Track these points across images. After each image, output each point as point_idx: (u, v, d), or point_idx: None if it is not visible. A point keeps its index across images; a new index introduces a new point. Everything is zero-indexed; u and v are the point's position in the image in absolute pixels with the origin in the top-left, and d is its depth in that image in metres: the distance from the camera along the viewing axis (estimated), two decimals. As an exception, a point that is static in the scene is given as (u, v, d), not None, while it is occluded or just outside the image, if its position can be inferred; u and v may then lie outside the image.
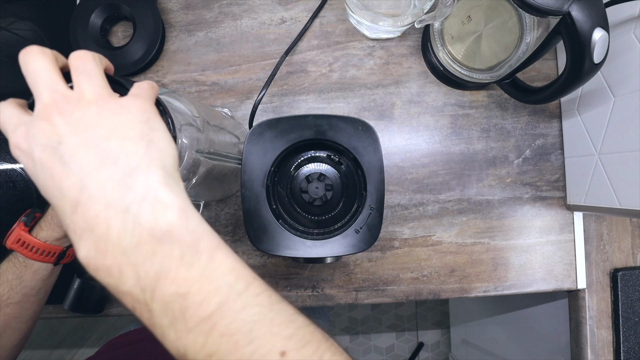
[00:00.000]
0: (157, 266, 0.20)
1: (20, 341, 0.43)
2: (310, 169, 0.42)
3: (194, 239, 0.21)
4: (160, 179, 0.21)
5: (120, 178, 0.20)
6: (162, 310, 0.20)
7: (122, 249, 0.20)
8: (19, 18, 0.57)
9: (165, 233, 0.20)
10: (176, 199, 0.21)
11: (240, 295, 0.21)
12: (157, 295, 0.20)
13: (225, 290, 0.20)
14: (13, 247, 0.40)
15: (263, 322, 0.20)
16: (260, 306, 0.21)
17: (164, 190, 0.21)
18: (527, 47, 0.46)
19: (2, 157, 0.56)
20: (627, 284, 0.53)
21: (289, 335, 0.21)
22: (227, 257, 0.22)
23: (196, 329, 0.20)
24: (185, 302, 0.20)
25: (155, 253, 0.20)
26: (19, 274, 0.40)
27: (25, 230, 0.40)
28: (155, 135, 0.23)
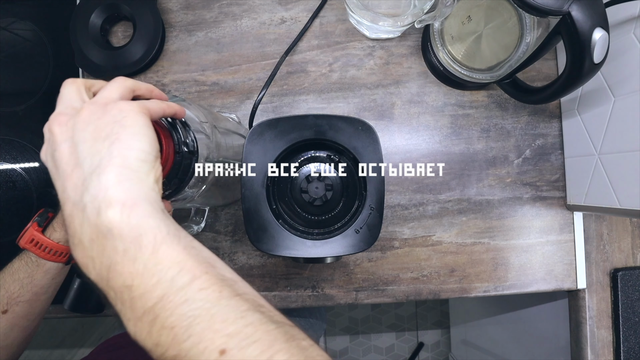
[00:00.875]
0: (106, 260, 0.21)
1: (26, 339, 0.43)
2: (310, 169, 0.42)
3: (137, 234, 0.21)
4: (114, 177, 0.22)
5: (84, 178, 0.22)
6: (115, 298, 0.22)
7: (83, 244, 0.22)
8: (19, 18, 0.57)
9: (108, 230, 0.21)
10: (122, 195, 0.22)
11: (182, 289, 0.21)
12: (111, 285, 0.22)
13: (166, 283, 0.21)
14: (26, 246, 0.40)
15: (204, 317, 0.20)
16: (203, 301, 0.21)
17: (114, 188, 0.22)
18: (527, 47, 0.46)
19: (2, 157, 0.56)
20: (627, 284, 0.53)
21: (233, 333, 0.20)
22: (172, 250, 0.22)
23: (142, 319, 0.21)
24: (131, 293, 0.21)
25: (104, 248, 0.21)
26: (31, 272, 0.41)
27: (38, 230, 0.40)
28: (125, 132, 0.23)
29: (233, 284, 0.22)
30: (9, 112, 0.56)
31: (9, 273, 0.40)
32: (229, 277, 0.23)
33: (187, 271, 0.21)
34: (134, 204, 0.22)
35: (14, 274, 0.40)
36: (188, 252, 0.22)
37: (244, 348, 0.19)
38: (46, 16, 0.57)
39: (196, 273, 0.21)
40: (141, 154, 0.23)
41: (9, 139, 0.56)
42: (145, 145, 0.24)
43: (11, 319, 0.40)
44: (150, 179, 0.24)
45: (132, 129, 0.24)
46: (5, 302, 0.40)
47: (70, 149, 0.23)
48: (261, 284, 0.55)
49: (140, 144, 0.23)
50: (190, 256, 0.22)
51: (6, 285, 0.40)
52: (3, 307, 0.40)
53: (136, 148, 0.23)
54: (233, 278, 0.23)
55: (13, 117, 0.56)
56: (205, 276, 0.21)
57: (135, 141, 0.23)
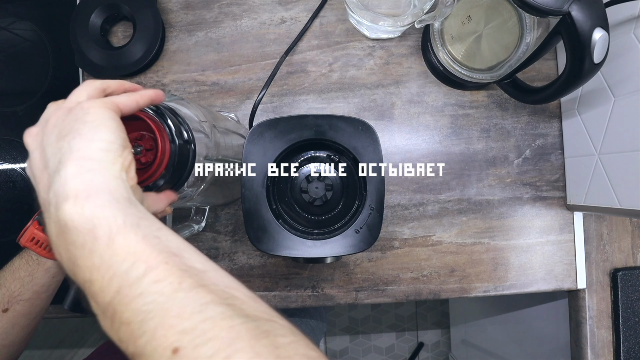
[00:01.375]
0: (70, 255, 0.21)
1: (26, 338, 0.43)
2: (310, 169, 0.42)
3: (91, 226, 0.20)
4: (73, 170, 0.22)
5: (49, 177, 0.23)
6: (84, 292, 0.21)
7: (53, 242, 0.22)
8: (19, 18, 0.57)
9: (64, 223, 0.21)
10: (80, 187, 0.21)
11: (137, 282, 0.19)
12: (78, 280, 0.21)
13: (121, 277, 0.19)
14: (27, 245, 0.40)
15: (157, 312, 0.18)
16: (158, 294, 0.19)
17: (72, 181, 0.21)
18: (527, 47, 0.46)
19: (2, 157, 0.56)
20: (627, 284, 0.53)
21: (188, 329, 0.18)
22: (129, 240, 0.20)
23: (105, 314, 0.20)
24: (91, 288, 0.20)
25: (66, 243, 0.21)
26: (32, 271, 0.41)
27: (39, 229, 0.40)
28: (85, 127, 0.23)
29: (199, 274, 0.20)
30: (9, 112, 0.56)
31: (10, 271, 0.41)
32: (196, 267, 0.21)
33: (143, 262, 0.20)
34: (88, 195, 0.21)
35: (15, 272, 0.41)
36: (148, 241, 0.20)
37: (198, 346, 0.17)
38: (46, 16, 0.57)
39: (152, 264, 0.20)
40: (103, 143, 0.23)
41: (9, 139, 0.56)
42: (107, 135, 0.23)
43: (12, 318, 0.40)
44: (116, 167, 0.23)
45: (93, 122, 0.23)
46: (6, 301, 0.40)
47: (40, 154, 0.24)
48: (261, 284, 0.55)
49: (101, 135, 0.23)
50: (149, 246, 0.20)
51: (7, 284, 0.40)
52: (4, 305, 0.40)
53: (97, 139, 0.23)
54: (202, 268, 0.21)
55: (13, 117, 0.56)
56: (163, 267, 0.20)
57: (95, 133, 0.23)
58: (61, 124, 0.24)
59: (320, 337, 0.79)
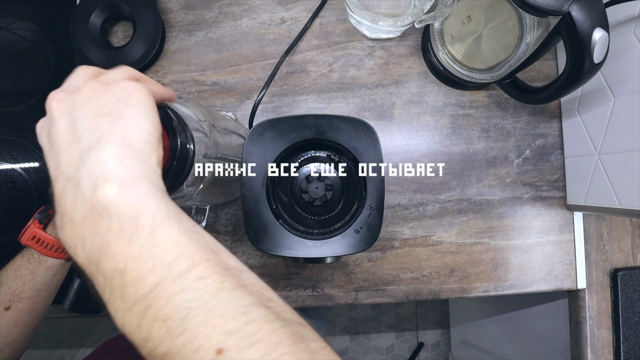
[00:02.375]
0: (99, 240, 0.19)
1: (28, 336, 0.43)
2: (310, 169, 0.42)
3: (135, 213, 0.19)
4: (114, 153, 0.20)
5: (81, 153, 0.21)
6: (104, 285, 0.20)
7: (74, 222, 0.20)
8: (19, 18, 0.57)
9: (104, 206, 0.19)
10: (123, 172, 0.20)
11: (180, 277, 0.19)
12: (100, 269, 0.20)
13: (163, 270, 0.19)
14: (28, 243, 0.40)
15: (201, 310, 0.18)
16: (202, 291, 0.18)
17: (113, 164, 0.20)
18: (527, 47, 0.46)
19: (2, 157, 0.56)
20: (627, 284, 0.53)
21: (233, 330, 0.17)
22: (172, 233, 0.20)
23: (133, 309, 0.18)
24: (122, 279, 0.19)
25: (97, 227, 0.19)
26: (33, 269, 0.41)
27: (40, 227, 0.41)
28: (128, 111, 0.22)
29: (238, 273, 0.20)
30: (9, 112, 0.56)
31: (12, 270, 0.41)
32: (234, 266, 0.21)
33: (186, 257, 0.19)
34: (133, 181, 0.20)
35: (16, 270, 0.41)
36: (189, 236, 0.20)
37: (244, 349, 0.17)
38: (46, 16, 0.57)
39: (196, 260, 0.19)
40: (144, 134, 0.22)
41: (9, 139, 0.56)
42: (149, 126, 0.22)
43: (14, 316, 0.41)
44: (153, 160, 0.22)
45: (137, 108, 0.22)
46: (8, 299, 0.40)
47: (68, 124, 0.22)
48: (261, 284, 0.55)
49: (144, 124, 0.22)
50: (191, 241, 0.20)
51: (9, 282, 0.40)
52: (6, 303, 0.40)
53: (140, 128, 0.22)
54: (238, 267, 0.21)
55: (13, 117, 0.56)
56: (206, 264, 0.19)
57: (139, 121, 0.22)
58: (99, 98, 0.22)
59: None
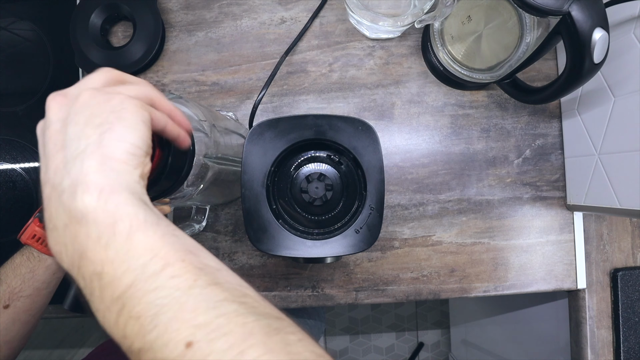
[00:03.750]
0: (78, 246, 0.20)
1: (27, 334, 0.43)
2: (310, 169, 0.42)
3: (112, 221, 0.20)
4: (96, 164, 0.21)
5: (66, 162, 0.22)
6: (85, 287, 0.21)
7: (57, 229, 0.21)
8: (19, 18, 0.57)
9: (82, 214, 0.20)
10: (102, 182, 0.21)
11: (153, 277, 0.19)
12: (81, 272, 0.21)
13: (137, 271, 0.19)
14: (28, 242, 0.41)
15: (172, 306, 0.19)
16: (174, 289, 0.19)
17: (94, 174, 0.21)
18: (527, 47, 0.46)
19: (2, 157, 0.56)
20: (627, 284, 0.53)
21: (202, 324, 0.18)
22: (148, 237, 0.20)
23: (110, 309, 0.19)
24: (100, 281, 0.20)
25: (77, 234, 0.21)
26: (32, 267, 0.41)
27: (40, 226, 0.41)
28: (118, 124, 0.22)
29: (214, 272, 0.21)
30: (9, 112, 0.56)
31: (11, 268, 0.41)
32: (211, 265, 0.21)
33: (160, 258, 0.20)
34: (112, 191, 0.21)
35: (16, 269, 0.41)
36: (165, 239, 0.21)
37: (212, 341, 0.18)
38: (46, 16, 0.57)
39: (170, 260, 0.20)
40: (131, 147, 0.22)
41: (9, 139, 0.56)
42: (137, 140, 0.23)
43: (13, 314, 0.41)
44: (137, 172, 0.23)
45: (128, 121, 0.23)
46: (7, 297, 0.40)
47: (61, 129, 0.23)
48: (261, 284, 0.55)
49: (131, 138, 0.22)
50: (167, 244, 0.21)
51: (8, 280, 0.40)
52: (5, 301, 0.40)
53: (127, 141, 0.22)
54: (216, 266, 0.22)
55: (13, 117, 0.56)
56: (180, 264, 0.20)
57: (127, 133, 0.22)
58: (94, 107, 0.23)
59: (319, 336, 0.78)
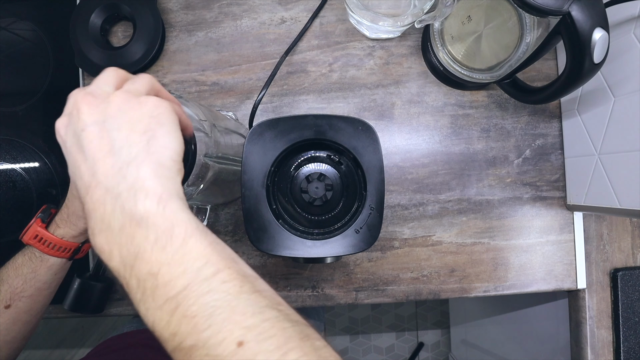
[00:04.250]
0: (135, 247, 0.22)
1: (27, 335, 0.43)
2: (310, 169, 0.42)
3: (169, 225, 0.22)
4: (151, 171, 0.23)
5: (120, 167, 0.23)
6: (137, 286, 0.22)
7: (111, 230, 0.23)
8: (19, 18, 0.57)
9: (142, 218, 0.22)
10: (159, 189, 0.23)
11: (206, 280, 0.22)
12: (134, 272, 0.22)
13: (192, 274, 0.22)
14: (30, 242, 0.40)
15: (224, 308, 0.21)
16: (225, 293, 0.21)
17: (151, 181, 0.23)
18: (527, 47, 0.46)
19: (2, 157, 0.56)
20: (627, 284, 0.53)
21: (251, 326, 0.20)
22: (200, 243, 0.23)
23: (163, 307, 0.21)
24: (155, 281, 0.21)
25: (134, 236, 0.22)
26: (34, 268, 0.41)
27: (42, 226, 0.41)
28: (160, 130, 0.24)
29: (254, 280, 0.23)
30: (9, 112, 0.56)
31: (13, 268, 0.41)
32: (250, 274, 0.24)
33: (212, 264, 0.22)
34: (169, 198, 0.23)
35: (18, 269, 0.41)
36: (213, 247, 0.23)
37: (261, 342, 0.20)
38: (46, 16, 0.57)
39: (220, 267, 0.22)
40: (174, 154, 0.25)
41: (9, 139, 0.56)
42: (177, 146, 0.25)
43: (14, 314, 0.40)
44: (179, 178, 0.25)
45: (167, 127, 0.25)
46: (8, 297, 0.40)
47: (102, 133, 0.24)
48: (261, 284, 0.55)
49: (173, 144, 0.25)
50: (215, 251, 0.23)
51: (9, 280, 0.40)
52: (6, 302, 0.40)
53: (170, 148, 0.25)
54: (253, 275, 0.24)
55: (13, 117, 0.56)
56: (228, 270, 0.22)
57: (169, 141, 0.25)
58: (131, 112, 0.24)
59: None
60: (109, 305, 0.54)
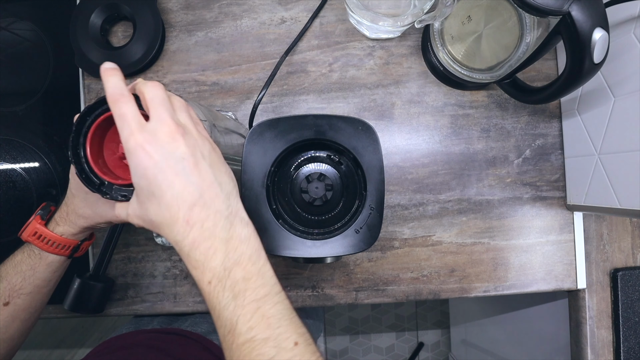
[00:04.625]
0: (236, 256, 0.30)
1: (25, 332, 0.43)
2: (310, 169, 0.42)
3: (258, 247, 0.31)
4: (239, 204, 0.32)
5: (225, 197, 0.31)
6: (231, 286, 0.29)
7: (220, 239, 0.30)
8: (19, 18, 0.57)
9: (245, 239, 0.31)
10: (247, 218, 0.32)
11: (277, 294, 0.30)
12: (232, 275, 0.29)
13: (270, 287, 0.30)
14: (29, 239, 0.40)
15: (288, 317, 0.30)
16: (286, 307, 0.30)
17: (243, 212, 0.32)
18: (527, 47, 0.46)
19: (2, 157, 0.56)
20: (627, 284, 0.53)
21: (302, 333, 0.30)
22: (269, 266, 0.32)
23: (248, 307, 0.29)
24: (246, 285, 0.29)
25: (237, 248, 0.30)
26: (33, 265, 0.41)
27: (41, 223, 0.40)
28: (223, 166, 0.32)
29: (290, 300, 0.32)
30: (9, 112, 0.56)
31: (11, 265, 0.40)
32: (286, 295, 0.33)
33: (279, 284, 0.31)
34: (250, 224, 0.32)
35: (17, 266, 0.40)
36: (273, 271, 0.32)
37: (307, 345, 0.30)
38: (46, 16, 0.57)
39: (280, 286, 0.31)
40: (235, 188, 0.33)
41: (9, 139, 0.56)
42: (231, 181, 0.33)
43: (12, 312, 0.40)
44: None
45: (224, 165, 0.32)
46: (7, 295, 0.40)
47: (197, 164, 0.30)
48: (261, 284, 0.55)
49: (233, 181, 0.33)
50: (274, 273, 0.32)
51: (8, 278, 0.40)
52: (5, 299, 0.40)
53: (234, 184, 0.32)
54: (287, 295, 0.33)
55: (13, 117, 0.56)
56: (283, 292, 0.31)
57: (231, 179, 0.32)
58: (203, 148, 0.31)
59: (318, 336, 0.78)
60: (109, 305, 0.54)
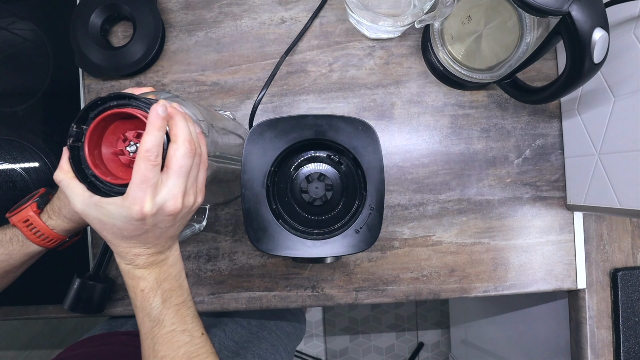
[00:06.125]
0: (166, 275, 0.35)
1: None
2: (310, 169, 0.42)
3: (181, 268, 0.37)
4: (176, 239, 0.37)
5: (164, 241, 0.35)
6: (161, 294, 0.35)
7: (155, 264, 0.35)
8: (19, 18, 0.57)
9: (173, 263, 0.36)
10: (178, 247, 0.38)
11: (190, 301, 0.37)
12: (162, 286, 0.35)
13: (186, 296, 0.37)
14: (18, 225, 0.38)
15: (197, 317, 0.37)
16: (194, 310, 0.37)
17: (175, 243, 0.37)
18: (527, 47, 0.46)
19: (2, 157, 0.56)
20: (627, 284, 0.53)
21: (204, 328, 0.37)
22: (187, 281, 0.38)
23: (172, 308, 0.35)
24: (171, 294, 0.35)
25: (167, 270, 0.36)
26: (11, 251, 0.39)
27: (36, 212, 0.38)
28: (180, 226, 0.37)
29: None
30: (9, 112, 0.56)
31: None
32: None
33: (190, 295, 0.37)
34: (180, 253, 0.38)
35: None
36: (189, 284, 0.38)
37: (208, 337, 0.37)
38: (46, 16, 0.57)
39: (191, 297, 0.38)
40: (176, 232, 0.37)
41: (9, 139, 0.56)
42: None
43: None
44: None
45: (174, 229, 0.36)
46: None
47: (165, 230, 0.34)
48: (261, 283, 0.55)
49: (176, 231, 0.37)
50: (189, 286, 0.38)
51: None
52: None
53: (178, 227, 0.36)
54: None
55: (13, 117, 0.56)
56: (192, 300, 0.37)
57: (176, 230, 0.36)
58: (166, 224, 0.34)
59: (297, 341, 0.76)
60: (109, 305, 0.54)
